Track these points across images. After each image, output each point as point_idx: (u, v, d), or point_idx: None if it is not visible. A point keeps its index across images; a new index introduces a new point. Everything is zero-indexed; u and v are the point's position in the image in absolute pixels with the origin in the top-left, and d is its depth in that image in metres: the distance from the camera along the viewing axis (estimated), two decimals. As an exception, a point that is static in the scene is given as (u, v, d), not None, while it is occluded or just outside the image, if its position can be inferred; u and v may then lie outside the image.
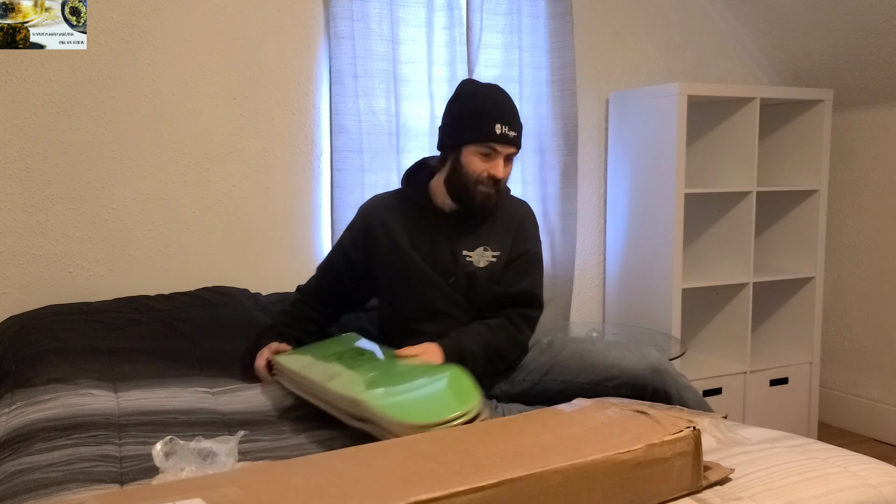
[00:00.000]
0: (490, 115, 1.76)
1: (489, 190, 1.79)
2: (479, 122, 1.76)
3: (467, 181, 1.79)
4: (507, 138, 1.76)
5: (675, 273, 2.85)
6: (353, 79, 2.57)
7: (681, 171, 2.82)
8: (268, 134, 2.56)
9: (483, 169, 1.78)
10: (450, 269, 1.86)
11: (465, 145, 1.79)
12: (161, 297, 2.33)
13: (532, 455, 1.13)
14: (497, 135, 1.75)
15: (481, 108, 1.78)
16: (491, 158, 1.77)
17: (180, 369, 2.03)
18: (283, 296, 2.45)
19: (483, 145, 1.77)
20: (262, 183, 2.56)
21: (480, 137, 1.76)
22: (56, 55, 2.21)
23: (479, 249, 1.87)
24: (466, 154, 1.79)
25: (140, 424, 1.61)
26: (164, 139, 2.42)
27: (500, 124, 1.75)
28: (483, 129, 1.76)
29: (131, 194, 2.39)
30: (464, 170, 1.79)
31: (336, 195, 2.60)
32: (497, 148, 1.76)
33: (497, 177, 1.77)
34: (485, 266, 1.86)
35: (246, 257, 2.55)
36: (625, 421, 1.28)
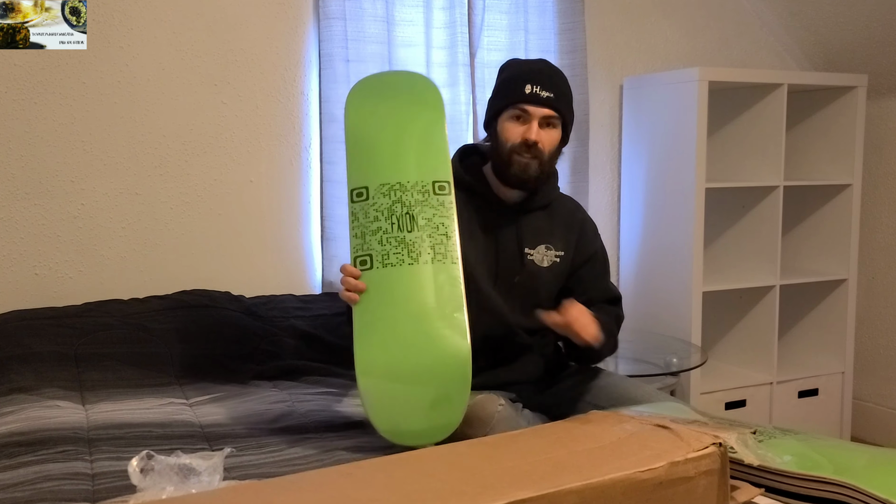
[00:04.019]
0: (522, 78, 1.78)
1: (525, 158, 1.78)
2: (510, 85, 1.79)
3: (503, 151, 1.79)
4: (539, 98, 1.76)
5: (696, 275, 2.85)
6: (345, 63, 2.56)
7: (701, 164, 2.81)
8: (252, 123, 2.55)
9: (517, 135, 1.78)
10: (514, 267, 1.85)
11: (499, 115, 1.81)
12: (135, 300, 2.32)
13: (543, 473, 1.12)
14: (526, 94, 1.76)
15: (516, 75, 1.81)
16: (524, 121, 1.78)
17: (155, 378, 2.03)
18: (269, 299, 2.45)
19: (514, 108, 1.78)
20: (246, 176, 2.55)
21: (510, 100, 1.78)
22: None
23: (540, 248, 1.87)
24: (501, 123, 1.80)
25: (112, 439, 1.60)
26: (138, 129, 2.41)
27: (531, 84, 1.77)
28: (513, 91, 1.78)
29: (103, 189, 2.38)
30: (500, 139, 1.80)
31: (326, 189, 2.60)
32: (528, 109, 1.77)
33: (531, 140, 1.76)
34: (548, 266, 1.87)
35: (228, 257, 2.54)
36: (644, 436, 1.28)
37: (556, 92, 1.79)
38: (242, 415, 1.80)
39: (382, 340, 1.52)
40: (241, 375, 2.13)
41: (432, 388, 1.52)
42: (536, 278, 1.86)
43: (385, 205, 1.60)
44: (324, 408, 1.85)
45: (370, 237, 1.59)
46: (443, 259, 1.58)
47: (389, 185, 1.62)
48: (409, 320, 1.54)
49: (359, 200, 1.62)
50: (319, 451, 1.57)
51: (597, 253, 1.94)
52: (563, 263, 1.89)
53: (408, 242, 1.58)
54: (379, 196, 1.61)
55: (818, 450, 1.43)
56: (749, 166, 3.09)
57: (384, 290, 1.56)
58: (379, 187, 1.62)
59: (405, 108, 1.72)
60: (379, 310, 1.55)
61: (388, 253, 1.57)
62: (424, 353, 1.52)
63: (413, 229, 1.59)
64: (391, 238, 1.58)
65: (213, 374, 2.10)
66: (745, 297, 3.12)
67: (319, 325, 2.38)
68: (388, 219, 1.60)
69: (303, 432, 1.70)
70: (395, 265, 1.57)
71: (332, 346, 2.30)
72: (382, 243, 1.58)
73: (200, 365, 2.14)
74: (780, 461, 1.36)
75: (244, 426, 1.73)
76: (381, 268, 1.57)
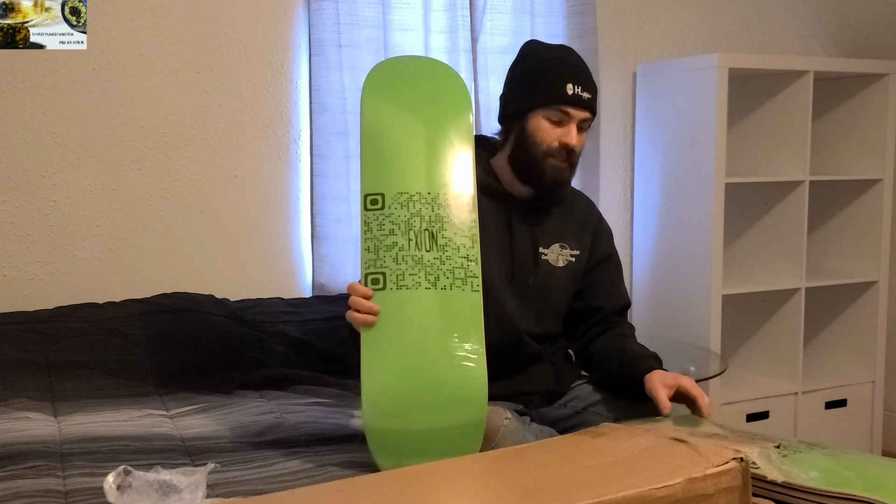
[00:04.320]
0: (560, 75, 1.77)
1: (561, 163, 1.79)
2: (548, 82, 1.77)
3: (535, 152, 1.78)
4: (581, 100, 1.77)
5: (715, 277, 2.85)
6: (337, 49, 2.56)
7: (721, 158, 2.81)
8: (237, 114, 2.55)
9: (554, 137, 1.77)
10: (528, 268, 1.85)
11: (531, 111, 1.79)
12: (111, 304, 2.31)
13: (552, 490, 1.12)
14: (569, 96, 1.75)
15: (550, 68, 1.79)
16: (562, 125, 1.78)
17: (133, 388, 2.03)
18: (256, 302, 2.45)
19: (553, 109, 1.77)
20: (230, 171, 2.55)
21: (550, 100, 1.77)
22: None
23: (554, 246, 1.88)
24: (534, 121, 1.78)
25: (86, 453, 1.60)
26: (114, 120, 2.41)
27: (573, 84, 1.76)
28: (552, 90, 1.76)
29: (76, 185, 2.38)
30: (531, 139, 1.78)
31: (317, 185, 2.59)
32: (570, 111, 1.76)
33: (571, 145, 1.77)
34: (563, 266, 1.88)
35: (211, 258, 2.54)
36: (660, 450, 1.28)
37: (593, 92, 1.80)
38: (227, 427, 1.79)
39: (392, 376, 1.49)
40: (225, 385, 2.12)
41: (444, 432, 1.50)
42: (552, 279, 1.86)
43: (402, 217, 1.55)
44: (315, 420, 1.84)
45: (384, 253, 1.53)
46: (462, 286, 1.54)
47: (408, 195, 1.57)
48: (422, 355, 1.50)
49: (373, 208, 1.56)
50: (310, 466, 1.57)
51: (612, 255, 1.95)
52: (579, 263, 1.89)
53: (425, 263, 1.53)
54: (396, 206, 1.56)
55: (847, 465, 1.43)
56: (772, 160, 3.08)
57: (396, 316, 1.51)
58: (396, 196, 1.57)
59: (429, 106, 1.66)
60: (389, 338, 1.51)
61: (403, 273, 1.52)
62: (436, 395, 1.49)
63: (432, 248, 1.55)
64: (407, 256, 1.53)
65: (195, 384, 2.10)
66: (768, 300, 3.12)
67: (310, 330, 2.37)
68: (406, 234, 1.55)
69: (292, 446, 1.69)
70: (411, 288, 1.52)
71: (323, 354, 2.30)
72: (398, 261, 1.53)
73: (182, 374, 2.14)
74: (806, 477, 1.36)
75: (229, 439, 1.72)
76: (395, 289, 1.52)
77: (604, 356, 1.84)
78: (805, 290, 3.03)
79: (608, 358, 1.83)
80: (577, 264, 1.89)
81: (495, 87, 2.77)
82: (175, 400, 1.99)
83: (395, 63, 1.81)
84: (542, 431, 1.71)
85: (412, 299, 1.52)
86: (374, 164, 1.59)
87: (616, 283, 1.95)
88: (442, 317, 1.51)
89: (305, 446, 1.69)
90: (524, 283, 1.84)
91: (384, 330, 1.51)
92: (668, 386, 1.67)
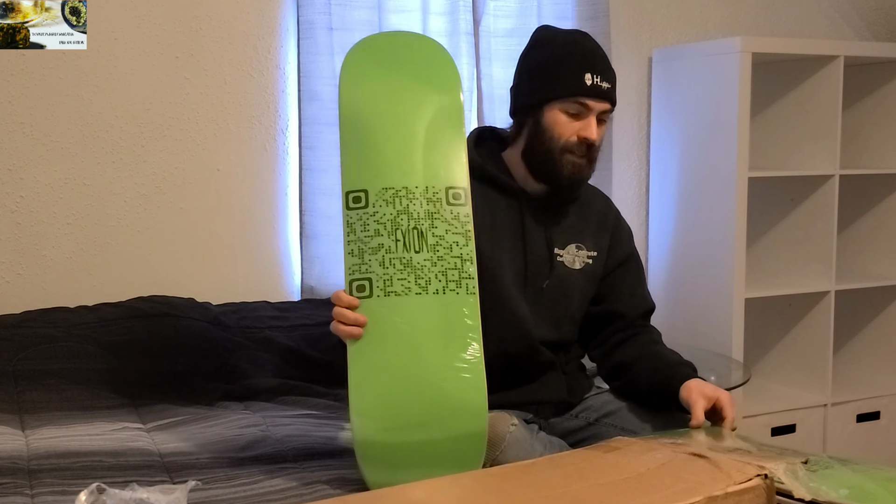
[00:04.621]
0: (578, 64, 1.77)
1: (579, 159, 1.79)
2: (565, 72, 1.77)
3: (552, 148, 1.78)
4: (601, 91, 1.77)
5: (737, 279, 2.84)
6: (328, 32, 2.56)
7: (744, 150, 2.80)
8: (219, 102, 2.54)
9: (572, 131, 1.78)
10: (543, 270, 1.85)
11: (547, 103, 1.79)
12: (83, 308, 2.32)
13: (560, 509, 1.12)
14: (588, 86, 1.76)
15: (567, 56, 1.79)
16: (581, 117, 1.78)
17: (106, 399, 2.02)
18: (240, 306, 2.46)
19: (571, 101, 1.77)
20: (212, 164, 2.55)
21: (567, 91, 1.77)
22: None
23: (570, 247, 1.87)
24: (550, 114, 1.79)
25: (56, 470, 1.60)
26: (87, 109, 2.41)
27: (592, 74, 1.76)
28: (570, 81, 1.76)
29: (45, 179, 2.38)
30: (547, 134, 1.79)
31: (306, 179, 2.59)
32: (589, 103, 1.77)
33: (590, 139, 1.77)
34: (580, 269, 1.88)
35: (192, 258, 2.54)
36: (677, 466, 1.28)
37: (612, 81, 1.80)
38: (209, 441, 1.79)
39: (383, 392, 1.48)
40: (207, 396, 2.12)
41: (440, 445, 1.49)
42: (568, 283, 1.86)
43: (388, 215, 1.53)
44: (304, 433, 1.84)
45: (370, 256, 1.52)
46: (456, 288, 1.53)
47: (394, 191, 1.55)
48: (414, 368, 1.49)
49: (356, 207, 1.54)
50: (298, 483, 1.56)
51: (633, 255, 1.96)
52: (597, 265, 1.90)
53: (415, 266, 1.52)
54: (381, 203, 1.54)
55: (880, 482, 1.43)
56: (799, 152, 3.08)
57: (385, 326, 1.50)
58: (381, 192, 1.55)
59: (416, 88, 1.64)
60: (378, 351, 1.50)
61: (391, 278, 1.51)
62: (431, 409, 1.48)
63: (422, 249, 1.53)
64: (395, 259, 1.52)
65: (174, 395, 2.10)
66: (795, 304, 3.11)
67: (299, 336, 2.37)
68: (392, 234, 1.53)
69: (279, 462, 1.69)
70: (400, 294, 1.51)
71: (313, 362, 2.30)
72: (385, 265, 1.51)
73: (160, 384, 2.14)
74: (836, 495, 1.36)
75: (210, 455, 1.72)
76: (383, 296, 1.50)
77: (633, 362, 1.83)
78: (835, 294, 3.03)
79: (638, 364, 1.82)
80: (595, 266, 1.89)
81: (499, 73, 2.77)
82: (152, 412, 1.99)
83: (374, 41, 1.76)
84: (550, 442, 1.71)
85: (402, 306, 1.50)
86: (354, 158, 1.57)
87: (639, 286, 1.95)
88: (435, 324, 1.50)
89: (293, 462, 1.69)
90: (538, 287, 1.84)
91: (372, 342, 1.49)
92: (707, 398, 1.68)
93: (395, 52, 1.71)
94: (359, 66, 1.65)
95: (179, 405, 2.04)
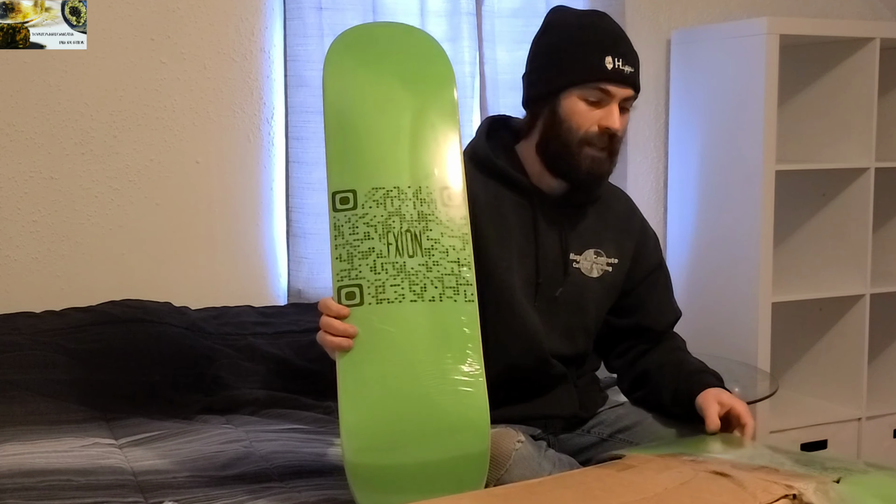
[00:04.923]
0: (597, 47, 1.76)
1: (599, 153, 1.77)
2: (583, 56, 1.76)
3: (570, 140, 1.77)
4: (622, 75, 1.76)
5: (763, 281, 2.84)
6: (317, 12, 2.56)
7: (770, 141, 2.80)
8: (198, 89, 2.54)
9: (592, 121, 1.76)
10: (556, 277, 1.84)
11: (563, 91, 1.77)
12: (50, 313, 2.32)
13: (569, 532, 1.12)
14: (608, 70, 1.74)
15: (584, 38, 1.77)
16: (602, 105, 1.76)
17: (75, 412, 2.03)
18: (221, 311, 2.46)
19: (590, 87, 1.75)
20: (191, 156, 2.55)
21: (586, 76, 1.75)
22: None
23: (588, 252, 1.86)
24: (567, 103, 1.77)
25: (20, 490, 1.59)
26: (54, 96, 2.40)
27: (612, 57, 1.75)
28: (589, 66, 1.75)
29: (9, 173, 2.38)
30: (565, 125, 1.77)
31: (293, 173, 2.60)
32: (609, 89, 1.75)
33: (613, 129, 1.76)
34: (598, 277, 1.87)
35: (168, 259, 2.54)
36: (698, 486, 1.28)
37: (635, 64, 1.79)
38: (187, 458, 1.79)
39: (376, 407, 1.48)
40: (185, 409, 2.12)
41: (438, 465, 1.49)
42: (583, 292, 1.85)
43: (379, 217, 1.54)
44: (290, 449, 1.84)
45: (359, 261, 1.52)
46: (454, 295, 1.53)
47: (384, 191, 1.55)
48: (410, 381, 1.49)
49: (343, 209, 1.55)
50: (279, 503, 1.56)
51: (660, 265, 1.97)
52: (617, 273, 1.88)
53: (409, 271, 1.52)
54: (371, 204, 1.55)
55: None
56: (831, 143, 3.08)
57: (377, 337, 1.50)
58: (370, 192, 1.55)
59: (407, 82, 1.65)
60: (370, 363, 1.49)
61: (383, 284, 1.51)
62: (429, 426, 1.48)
63: (416, 253, 1.54)
64: (387, 264, 1.52)
65: (148, 408, 2.10)
66: (827, 309, 3.11)
67: (285, 344, 2.38)
68: (384, 237, 1.53)
69: (263, 481, 1.69)
70: (393, 301, 1.51)
71: (300, 371, 2.31)
72: (376, 270, 1.52)
73: (133, 396, 2.14)
74: None
75: (189, 473, 1.72)
76: (375, 304, 1.50)
77: (656, 371, 1.85)
78: (870, 297, 3.03)
79: (661, 372, 1.84)
80: (615, 275, 1.88)
81: (504, 56, 2.77)
82: (125, 427, 1.99)
83: (360, 32, 1.79)
84: (560, 460, 1.71)
85: (395, 315, 1.50)
86: (341, 155, 1.58)
87: (666, 297, 1.97)
88: (432, 334, 1.50)
89: (279, 481, 1.69)
90: (551, 296, 1.83)
91: (363, 354, 1.49)
92: (723, 404, 1.69)
93: (384, 44, 1.72)
94: (345, 58, 1.66)
95: (155, 419, 2.04)
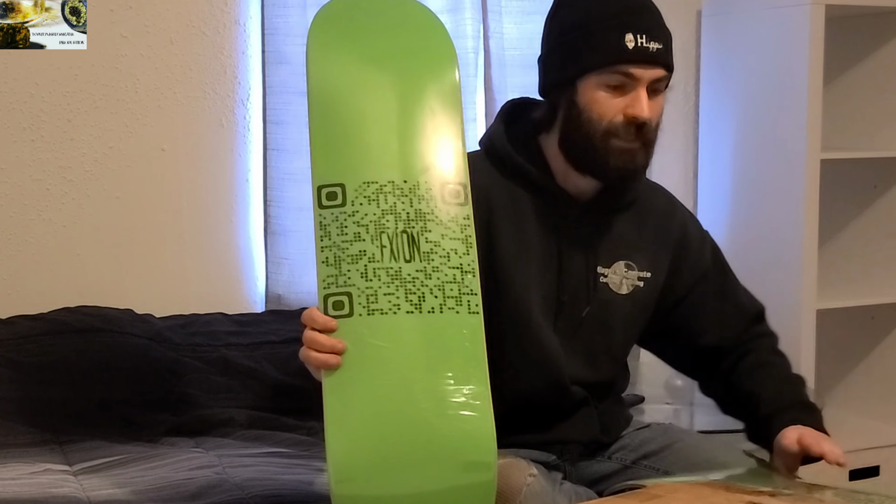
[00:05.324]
0: (616, 21, 1.72)
1: (629, 144, 1.73)
2: (600, 34, 1.73)
3: (592, 133, 1.73)
4: (647, 54, 1.72)
5: (807, 286, 2.84)
6: (300, -21, 2.57)
7: (815, 126, 2.80)
8: (164, 66, 2.54)
9: (616, 110, 1.72)
10: (582, 294, 1.82)
11: (581, 77, 1.74)
12: (-5, 322, 2.31)
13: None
14: (629, 50, 1.71)
15: (601, 13, 1.74)
16: (626, 91, 1.73)
17: (24, 434, 2.02)
18: (189, 319, 2.46)
19: (610, 71, 1.72)
20: (155, 143, 2.55)
21: (604, 59, 1.72)
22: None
23: (618, 265, 1.84)
24: (586, 90, 1.74)
25: (-39, 524, 1.60)
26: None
27: (635, 32, 1.71)
28: (605, 46, 1.71)
29: (-52, 160, 2.38)
30: (585, 116, 1.73)
31: (272, 162, 2.60)
32: (634, 72, 1.72)
33: (640, 118, 1.72)
34: (627, 293, 1.84)
35: (130, 260, 2.54)
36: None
37: (666, 39, 1.76)
38: (150, 487, 1.78)
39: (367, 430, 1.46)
40: (148, 430, 2.12)
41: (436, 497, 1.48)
42: (610, 310, 1.83)
43: (371, 216, 1.52)
44: (268, 476, 1.84)
45: (348, 266, 1.50)
46: (456, 306, 1.51)
47: (377, 186, 1.53)
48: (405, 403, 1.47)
49: (330, 205, 1.53)
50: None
51: (706, 273, 1.92)
52: (650, 289, 1.86)
53: (405, 278, 1.50)
54: (361, 201, 1.53)
55: None
56: (883, 129, 3.08)
57: (369, 352, 1.48)
58: (361, 187, 1.53)
59: (400, 61, 1.64)
60: (361, 381, 1.47)
61: (375, 293, 1.49)
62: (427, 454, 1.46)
63: (413, 258, 1.52)
64: (381, 270, 1.50)
65: (108, 429, 2.10)
66: (879, 317, 3.12)
67: (262, 356, 2.38)
68: (376, 239, 1.51)
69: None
70: (387, 312, 1.49)
71: (280, 387, 2.31)
72: (367, 277, 1.50)
73: (89, 416, 2.14)
74: None
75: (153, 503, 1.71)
76: (366, 315, 1.48)
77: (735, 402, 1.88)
78: (927, 304, 3.03)
79: (740, 407, 1.86)
80: (648, 290, 1.85)
81: (511, 30, 2.78)
82: (81, 451, 1.99)
83: (348, 1, 1.75)
84: (577, 493, 1.70)
85: (389, 328, 1.49)
86: (328, 144, 1.57)
87: (732, 293, 1.94)
88: (430, 350, 1.49)
89: None
90: (576, 316, 1.81)
91: (353, 373, 1.47)
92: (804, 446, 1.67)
93: (375, 16, 1.70)
94: (330, 32, 1.65)
95: (114, 442, 2.04)
